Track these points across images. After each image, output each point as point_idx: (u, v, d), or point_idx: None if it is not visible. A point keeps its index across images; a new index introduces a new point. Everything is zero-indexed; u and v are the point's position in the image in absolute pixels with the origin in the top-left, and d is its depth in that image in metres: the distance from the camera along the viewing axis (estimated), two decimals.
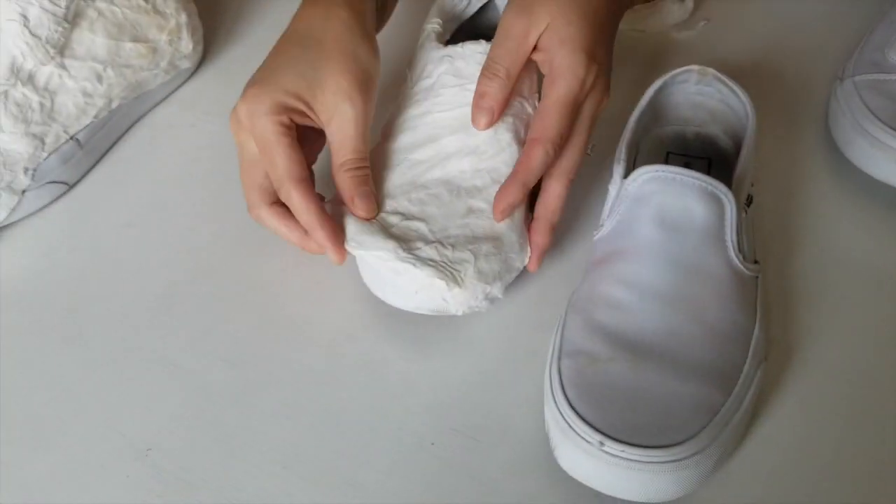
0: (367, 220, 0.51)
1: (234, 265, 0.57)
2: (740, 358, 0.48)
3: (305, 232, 0.51)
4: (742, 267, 0.50)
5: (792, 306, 0.53)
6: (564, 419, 0.44)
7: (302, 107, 0.50)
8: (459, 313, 0.50)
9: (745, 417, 0.47)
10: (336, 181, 0.51)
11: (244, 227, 0.59)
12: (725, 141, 0.60)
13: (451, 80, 0.55)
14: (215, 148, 0.64)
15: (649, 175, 0.50)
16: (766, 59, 0.70)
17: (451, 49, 0.56)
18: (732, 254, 0.49)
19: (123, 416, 0.50)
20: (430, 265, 0.49)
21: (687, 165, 0.60)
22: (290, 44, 0.53)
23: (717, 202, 0.49)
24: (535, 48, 0.52)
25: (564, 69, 0.50)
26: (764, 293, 0.52)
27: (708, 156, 0.60)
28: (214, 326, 0.54)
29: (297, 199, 0.49)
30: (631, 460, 0.42)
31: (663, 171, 0.50)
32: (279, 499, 0.46)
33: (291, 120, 0.50)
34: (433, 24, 0.60)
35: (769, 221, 0.57)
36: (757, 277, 0.51)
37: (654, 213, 0.49)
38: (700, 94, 0.60)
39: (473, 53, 0.55)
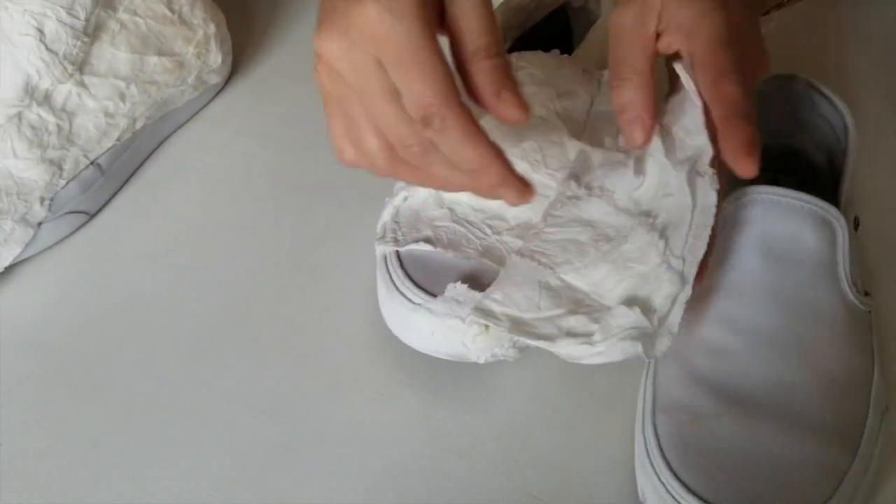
0: (519, 122, 0.38)
1: (273, 304, 0.51)
2: (862, 409, 0.41)
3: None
4: (857, 301, 0.43)
5: None
6: (667, 490, 0.38)
7: None
8: (482, 361, 0.44)
9: (873, 479, 0.40)
10: (469, 75, 0.38)
11: (283, 260, 0.53)
12: (817, 156, 0.53)
13: None
14: (249, 170, 0.58)
15: (751, 197, 0.44)
16: (850, 63, 0.63)
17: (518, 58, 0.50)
18: (846, 286, 0.43)
19: (148, 481, 0.44)
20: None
21: (775, 182, 0.53)
22: None
23: (829, 228, 0.43)
24: (658, 37, 0.43)
25: (702, 24, 0.41)
26: (878, 330, 0.45)
27: (798, 172, 0.54)
28: (251, 375, 0.48)
29: (462, 126, 0.37)
30: None
31: (767, 193, 0.43)
32: None
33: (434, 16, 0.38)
34: None
35: (874, 246, 0.51)
36: (870, 312, 0.45)
37: (758, 241, 0.43)
38: (789, 103, 0.53)
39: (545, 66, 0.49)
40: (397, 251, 0.47)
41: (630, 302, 0.39)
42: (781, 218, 0.43)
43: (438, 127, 0.36)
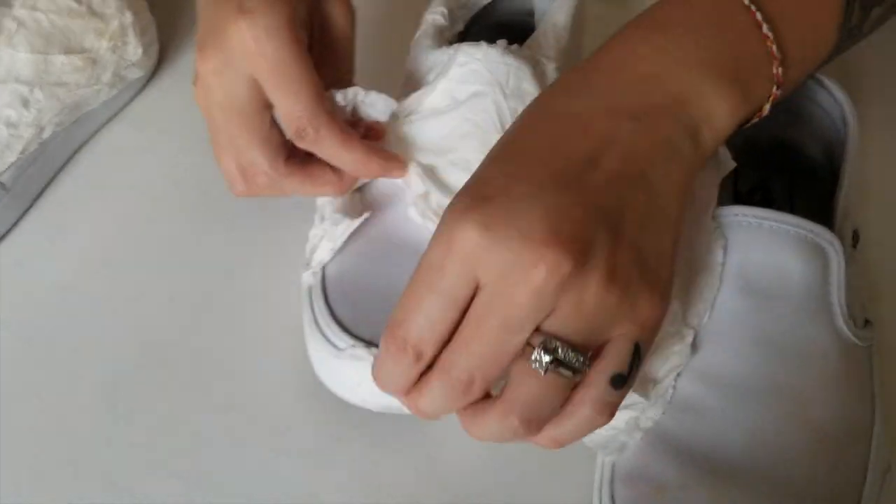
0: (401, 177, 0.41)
1: (193, 342, 0.45)
2: (859, 469, 0.35)
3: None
4: (854, 338, 0.37)
5: None
6: None
7: (306, 17, 0.40)
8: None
9: None
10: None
11: (209, 287, 0.47)
12: (814, 149, 0.46)
13: (446, 100, 0.42)
14: (174, 178, 0.52)
15: (727, 220, 0.37)
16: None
17: (456, 51, 0.43)
18: (841, 322, 0.37)
19: None
20: None
21: (763, 182, 0.47)
22: None
23: (821, 255, 0.36)
24: None
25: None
26: (881, 368, 0.39)
27: (790, 169, 0.47)
28: (162, 431, 0.42)
29: (335, 135, 0.39)
30: None
31: (744, 216, 0.37)
32: None
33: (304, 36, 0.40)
34: (435, 14, 0.47)
35: (878, 262, 0.44)
36: (870, 347, 0.39)
37: (736, 273, 0.36)
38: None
39: (488, 60, 0.42)
40: (323, 280, 0.41)
41: None
42: (763, 245, 0.36)
43: (313, 139, 0.39)
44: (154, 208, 0.51)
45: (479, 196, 0.29)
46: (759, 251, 0.36)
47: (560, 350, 0.28)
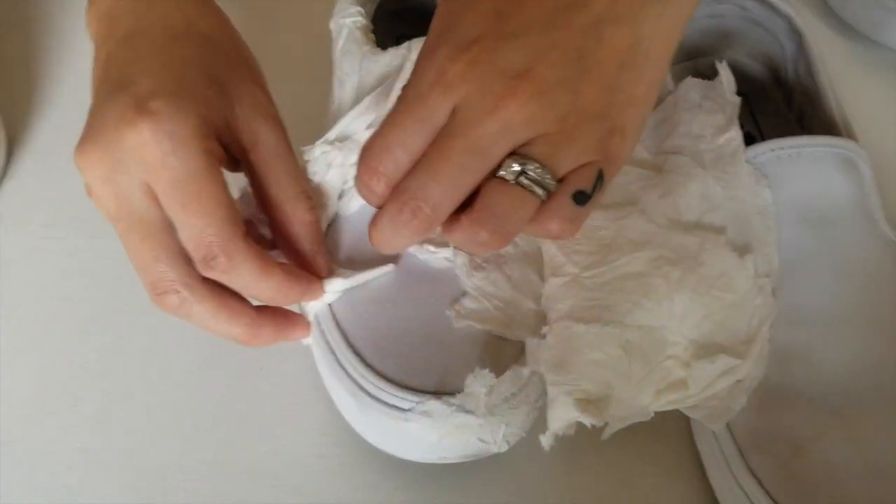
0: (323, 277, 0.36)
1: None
2: None
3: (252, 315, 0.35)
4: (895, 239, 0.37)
5: None
6: None
7: (223, 127, 0.34)
8: (504, 449, 0.35)
9: None
10: (283, 217, 0.35)
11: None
12: (757, 69, 0.46)
13: None
14: (65, 271, 0.43)
15: (761, 160, 0.36)
16: None
17: (409, 49, 0.39)
18: (885, 227, 0.37)
19: None
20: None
21: None
22: (172, 41, 0.35)
23: (855, 168, 0.36)
24: None
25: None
26: None
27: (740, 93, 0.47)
28: None
29: (253, 263, 0.33)
30: None
31: (781, 149, 0.36)
32: None
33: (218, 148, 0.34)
34: (353, 18, 0.42)
35: None
36: None
37: (790, 210, 0.35)
38: (712, 17, 0.46)
39: None
40: (341, 329, 0.36)
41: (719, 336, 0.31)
42: (807, 173, 0.35)
43: (224, 267, 0.32)
44: (48, 318, 0.42)
45: (469, 39, 0.29)
46: (806, 180, 0.35)
47: (530, 167, 0.29)
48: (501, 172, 0.29)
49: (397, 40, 0.41)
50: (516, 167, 0.29)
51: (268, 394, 0.40)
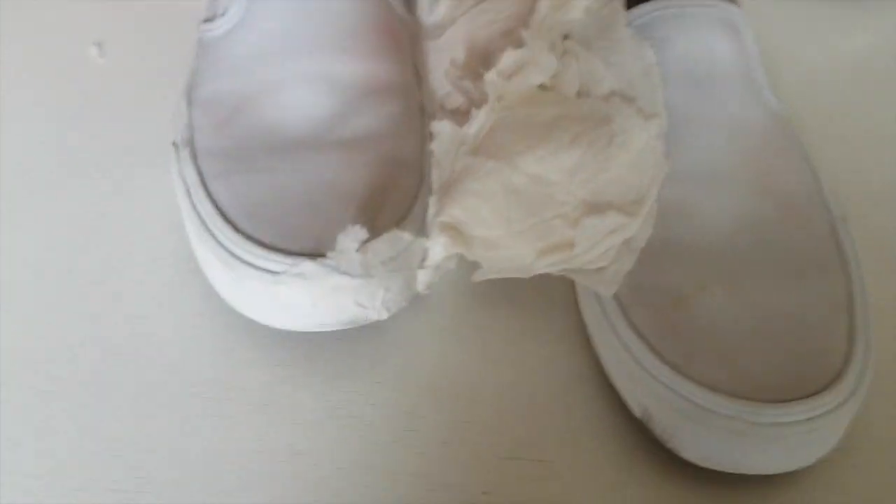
0: None
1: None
2: (824, 224, 0.35)
3: None
4: (778, 108, 0.37)
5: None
6: (679, 393, 0.30)
7: None
8: (385, 316, 0.34)
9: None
10: None
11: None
12: None
13: None
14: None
15: (644, 21, 0.35)
16: None
17: None
18: (768, 94, 0.37)
19: None
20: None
21: None
22: None
23: (736, 31, 0.36)
24: None
25: None
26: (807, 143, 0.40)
27: None
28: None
29: None
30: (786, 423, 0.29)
31: (666, 9, 0.35)
32: None
33: None
34: None
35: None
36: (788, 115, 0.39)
37: (675, 69, 0.35)
38: None
39: None
40: (212, 200, 0.34)
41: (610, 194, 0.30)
42: (691, 32, 0.35)
43: None
44: None
45: None
46: (689, 39, 0.35)
47: None
48: None
49: None
50: None
51: (140, 276, 0.38)
